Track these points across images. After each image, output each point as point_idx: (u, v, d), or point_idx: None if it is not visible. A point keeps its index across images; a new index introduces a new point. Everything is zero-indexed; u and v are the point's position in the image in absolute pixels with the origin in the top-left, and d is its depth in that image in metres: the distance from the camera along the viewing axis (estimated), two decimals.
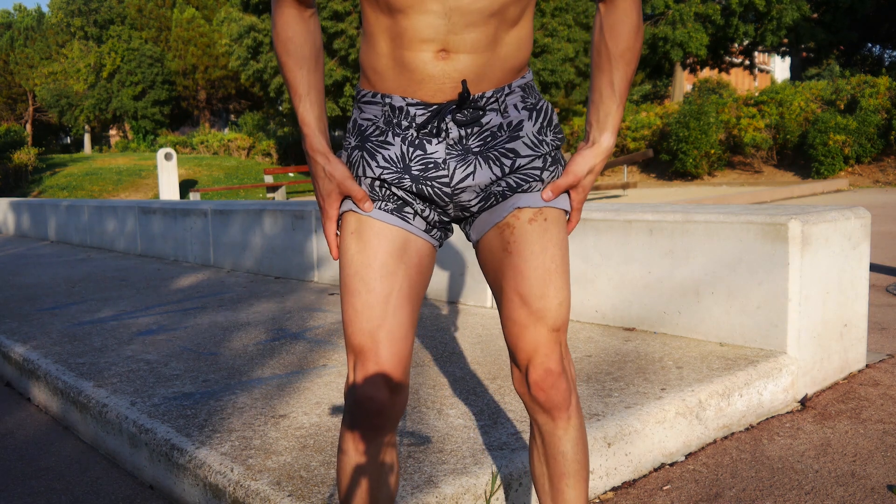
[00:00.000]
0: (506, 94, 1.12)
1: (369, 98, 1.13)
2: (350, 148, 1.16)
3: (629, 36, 1.11)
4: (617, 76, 1.12)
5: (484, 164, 1.12)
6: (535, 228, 1.13)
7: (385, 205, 1.13)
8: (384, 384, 1.10)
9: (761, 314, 2.48)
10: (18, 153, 21.86)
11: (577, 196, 1.16)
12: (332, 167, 1.12)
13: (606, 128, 1.14)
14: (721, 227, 2.57)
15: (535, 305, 1.12)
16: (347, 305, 1.12)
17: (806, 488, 1.79)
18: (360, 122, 1.15)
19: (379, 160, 1.12)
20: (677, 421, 2.04)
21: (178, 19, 31.42)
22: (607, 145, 1.14)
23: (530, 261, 1.12)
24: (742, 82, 42.24)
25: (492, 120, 1.11)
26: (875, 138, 14.40)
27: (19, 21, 39.20)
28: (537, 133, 1.14)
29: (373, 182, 1.13)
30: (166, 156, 16.93)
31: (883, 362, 2.81)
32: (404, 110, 1.10)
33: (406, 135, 1.11)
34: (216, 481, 1.71)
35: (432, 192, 1.12)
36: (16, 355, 3.01)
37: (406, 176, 1.11)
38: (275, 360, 2.68)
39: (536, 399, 1.16)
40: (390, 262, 1.11)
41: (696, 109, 16.17)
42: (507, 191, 1.13)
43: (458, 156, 1.11)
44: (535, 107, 1.15)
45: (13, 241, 9.48)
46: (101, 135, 41.07)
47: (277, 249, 4.95)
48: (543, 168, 1.15)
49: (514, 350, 1.16)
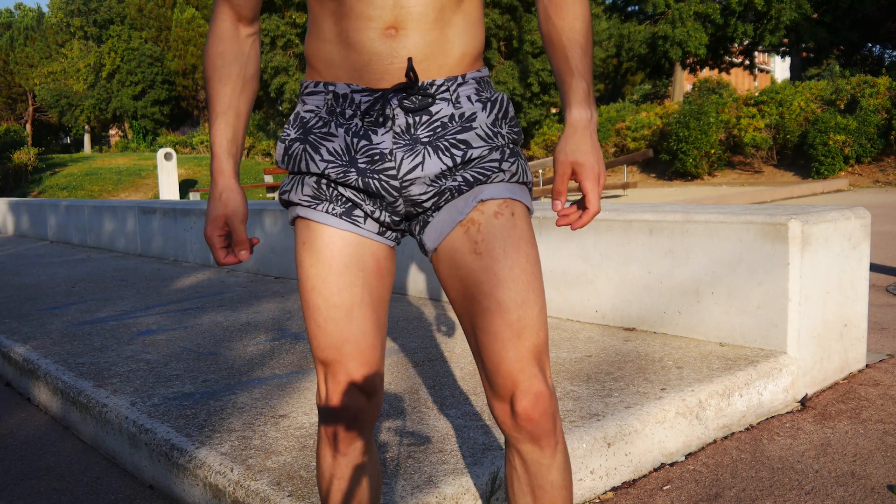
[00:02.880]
0: (458, 84, 1.05)
1: (312, 88, 1.07)
2: (290, 140, 1.09)
3: (575, 7, 1.06)
4: (571, 50, 1.06)
5: (433, 153, 1.04)
6: (504, 224, 1.04)
7: (333, 208, 1.06)
8: (357, 393, 1.07)
9: (761, 314, 2.48)
10: (18, 153, 21.86)
11: (585, 181, 1.04)
12: (230, 195, 1.07)
13: (571, 103, 1.05)
14: (721, 227, 2.57)
15: (515, 313, 1.01)
16: (310, 320, 1.07)
17: (806, 488, 1.80)
18: (302, 114, 1.08)
19: (323, 153, 1.05)
20: (677, 421, 2.04)
21: (179, 19, 31.42)
22: (577, 118, 1.04)
23: (504, 261, 1.02)
24: (742, 82, 42.26)
25: (442, 110, 1.04)
26: (875, 138, 14.40)
27: (19, 21, 39.20)
28: (491, 125, 1.06)
29: (318, 180, 1.07)
30: (166, 156, 16.93)
31: (883, 362, 2.81)
32: (349, 97, 1.03)
33: (350, 125, 1.04)
34: (216, 481, 1.71)
35: (379, 185, 1.04)
36: (16, 355, 3.01)
37: (352, 169, 1.04)
38: (275, 360, 2.68)
39: (524, 429, 1.04)
40: (347, 273, 1.06)
41: (696, 109, 16.17)
42: (465, 185, 1.05)
43: (405, 146, 1.03)
44: (490, 99, 1.08)
45: (13, 241, 9.48)
46: (101, 135, 41.07)
47: (277, 249, 4.95)
48: (502, 160, 1.07)
49: (493, 374, 1.04)
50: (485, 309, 1.02)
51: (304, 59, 7.44)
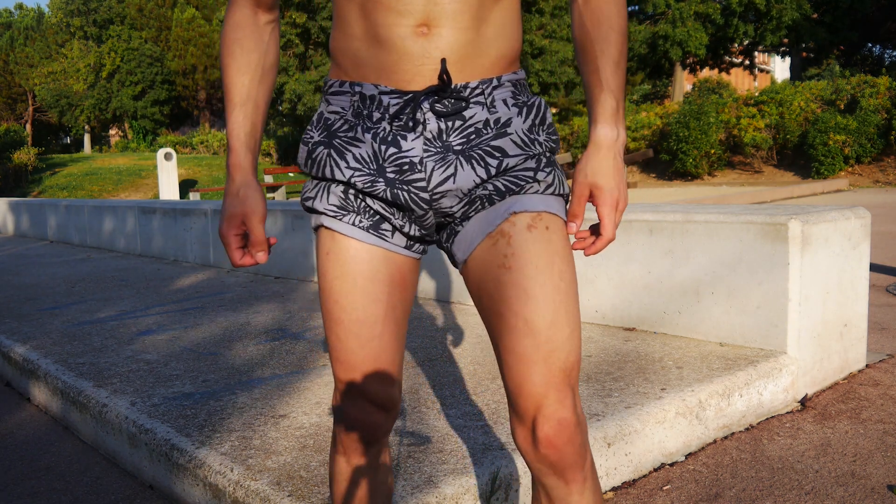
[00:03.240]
0: (493, 87, 0.98)
1: (337, 88, 1.00)
2: (313, 143, 1.02)
3: (611, 15, 0.99)
4: (603, 62, 0.99)
5: (466, 164, 0.97)
6: (537, 238, 0.96)
7: (360, 220, 1.00)
8: (374, 410, 1.04)
9: (761, 314, 2.48)
10: (18, 153, 21.86)
11: (601, 207, 0.98)
12: (249, 192, 1.01)
13: (597, 119, 1.00)
14: (721, 227, 2.57)
15: (544, 334, 0.94)
16: (330, 333, 1.03)
17: (806, 488, 1.79)
18: (326, 115, 1.02)
19: (349, 160, 0.98)
20: (677, 421, 2.04)
21: (179, 19, 31.43)
22: (601, 136, 0.99)
23: (536, 277, 0.95)
24: (742, 82, 42.25)
25: (476, 115, 0.97)
26: (875, 138, 14.40)
27: (19, 21, 39.20)
28: (528, 131, 1.00)
29: (346, 189, 1.00)
30: (166, 156, 16.93)
31: (883, 362, 2.81)
32: (376, 99, 0.96)
33: (377, 129, 0.97)
34: (216, 481, 1.71)
35: (408, 198, 0.97)
36: (16, 355, 3.01)
37: (380, 179, 0.97)
38: (275, 360, 2.68)
39: (546, 459, 0.96)
40: (372, 288, 1.00)
41: (696, 109, 16.17)
42: (496, 195, 0.98)
43: (436, 154, 0.96)
44: (527, 103, 1.01)
45: (13, 241, 9.48)
46: (100, 135, 41.08)
47: (277, 249, 4.95)
48: (538, 169, 1.00)
49: (516, 395, 0.96)
50: (511, 327, 0.95)
51: (310, 58, 7.34)
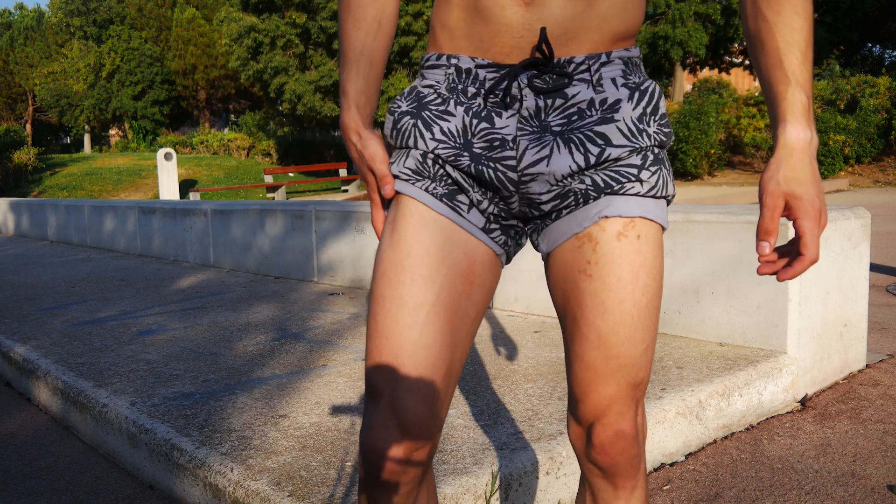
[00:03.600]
0: (601, 64, 0.88)
1: (433, 61, 0.93)
2: (400, 113, 0.95)
3: (792, 13, 0.84)
4: (788, 53, 0.84)
5: (564, 147, 0.87)
6: (625, 248, 0.88)
7: (434, 187, 0.91)
8: (399, 433, 0.87)
9: (761, 314, 2.48)
10: (18, 153, 21.87)
11: (802, 220, 0.81)
12: (363, 145, 0.94)
13: (786, 118, 0.83)
14: (721, 227, 2.57)
15: (616, 349, 0.89)
16: (371, 316, 0.90)
17: (806, 488, 1.79)
18: (419, 89, 0.95)
19: (435, 132, 0.91)
20: (677, 421, 2.04)
21: (179, 19, 31.43)
22: (794, 138, 0.83)
23: (616, 290, 0.88)
24: (742, 82, 42.27)
25: (580, 93, 0.87)
26: (875, 138, 14.40)
27: (19, 21, 39.22)
28: (637, 120, 0.89)
29: (425, 155, 0.92)
30: (166, 156, 16.93)
31: (883, 362, 2.82)
32: (472, 73, 0.90)
33: (471, 104, 0.90)
34: (216, 481, 1.71)
35: (494, 176, 0.89)
36: (16, 355, 3.01)
37: (465, 153, 0.89)
38: (275, 360, 2.68)
39: (597, 462, 0.94)
40: (427, 263, 0.88)
41: (696, 109, 16.18)
42: (592, 190, 0.89)
43: (531, 133, 0.87)
44: (639, 87, 0.90)
45: (13, 241, 9.48)
46: (100, 135, 41.09)
47: (277, 249, 4.95)
48: (642, 167, 0.89)
49: (578, 398, 0.93)
50: (583, 336, 0.90)
51: (310, 58, 7.35)
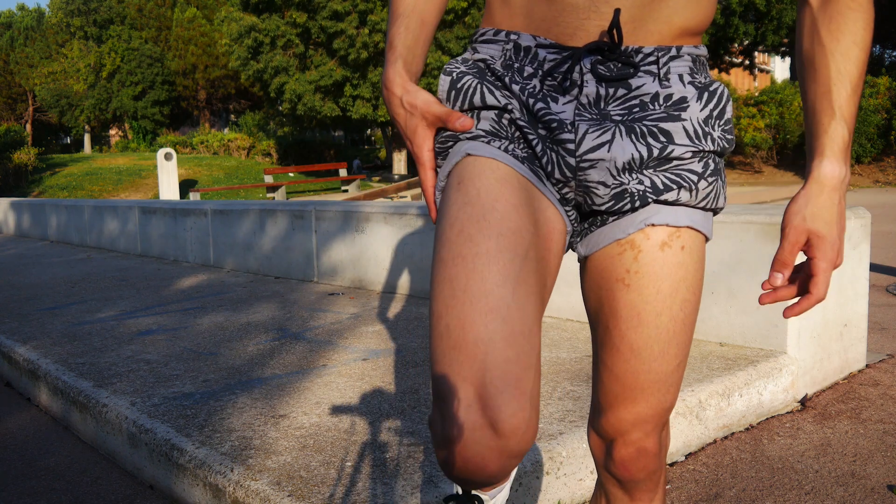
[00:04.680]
0: (671, 57, 0.82)
1: (490, 36, 0.86)
2: (459, 73, 0.86)
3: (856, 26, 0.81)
4: (838, 84, 0.81)
5: (626, 134, 0.81)
6: (668, 259, 0.83)
7: (514, 148, 0.82)
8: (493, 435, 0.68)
9: (761, 314, 2.48)
10: (18, 153, 21.87)
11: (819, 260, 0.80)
12: (412, 96, 0.84)
13: (823, 152, 0.81)
14: (721, 227, 2.57)
15: (647, 365, 0.84)
16: (441, 284, 0.73)
17: (806, 488, 1.79)
18: (472, 60, 0.88)
19: (503, 91, 0.83)
20: (677, 421, 2.04)
21: (179, 19, 31.44)
22: (828, 174, 0.80)
23: (654, 303, 0.83)
24: (742, 82, 42.25)
25: (645, 85, 0.82)
26: (875, 138, 14.40)
27: (19, 21, 39.22)
28: (703, 122, 0.83)
29: (500, 115, 0.83)
30: (166, 156, 16.93)
31: (883, 362, 2.81)
32: (532, 52, 0.82)
33: (527, 85, 0.82)
34: (216, 481, 1.71)
35: (555, 159, 0.81)
36: (16, 355, 3.01)
37: (532, 130, 0.82)
38: (275, 360, 2.68)
39: (616, 474, 0.91)
40: (514, 217, 0.76)
41: None
42: (651, 193, 0.82)
43: (590, 120, 0.81)
44: (708, 87, 0.84)
45: (13, 240, 9.48)
46: (101, 135, 41.09)
47: (278, 249, 4.95)
48: (703, 175, 0.84)
49: (603, 409, 0.89)
50: (615, 348, 0.86)
51: (310, 58, 7.37)
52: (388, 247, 4.09)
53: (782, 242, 0.81)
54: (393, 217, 4.03)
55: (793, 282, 0.83)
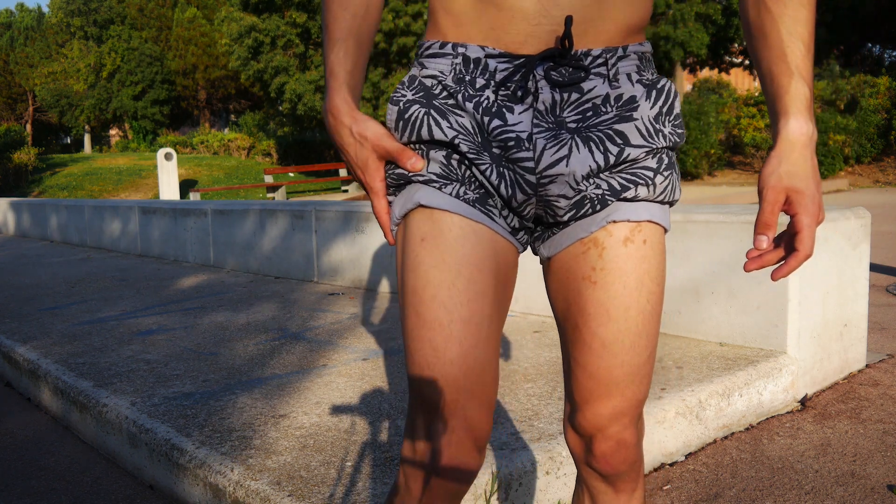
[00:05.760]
0: (618, 58, 0.84)
1: (436, 50, 0.86)
2: (406, 101, 0.86)
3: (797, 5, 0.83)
4: (791, 44, 0.82)
5: (583, 146, 0.82)
6: (631, 254, 0.85)
7: (465, 191, 0.84)
8: (473, 447, 0.84)
9: (761, 314, 2.48)
10: (18, 153, 21.87)
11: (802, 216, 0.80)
12: (362, 126, 0.85)
13: (788, 111, 0.82)
14: (721, 227, 2.57)
15: (619, 358, 0.86)
16: (421, 343, 0.83)
17: (806, 488, 1.80)
18: (421, 78, 0.87)
19: (452, 122, 0.83)
20: (677, 421, 2.04)
21: (179, 19, 31.45)
22: (797, 132, 0.81)
23: (621, 298, 0.85)
24: (742, 82, 42.26)
25: (596, 88, 0.83)
26: (875, 138, 14.40)
27: (19, 21, 39.23)
28: (654, 119, 0.85)
29: (449, 155, 0.84)
30: (166, 156, 16.93)
31: (883, 362, 2.82)
32: (482, 63, 0.83)
33: (480, 98, 0.83)
34: (216, 481, 1.71)
35: (513, 178, 0.83)
36: (16, 355, 3.01)
37: (485, 153, 0.83)
38: (275, 360, 2.68)
39: (597, 468, 0.92)
40: (479, 279, 0.83)
41: (696, 109, 16.18)
42: (609, 196, 0.85)
43: (547, 131, 0.82)
44: (655, 85, 0.86)
45: (13, 240, 9.48)
46: (101, 135, 41.10)
47: (278, 249, 4.95)
48: (658, 170, 0.86)
49: (579, 406, 0.90)
50: (586, 344, 0.87)
51: (310, 58, 7.31)
52: (389, 247, 4.09)
53: (762, 205, 0.82)
54: None
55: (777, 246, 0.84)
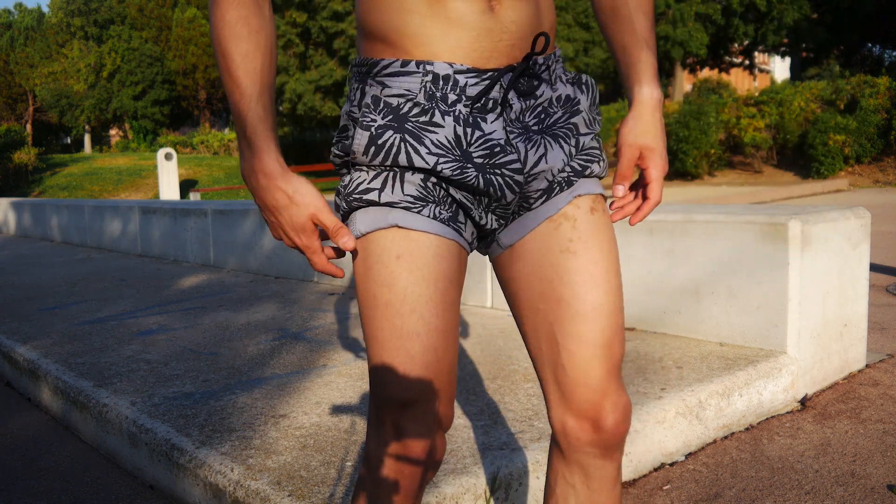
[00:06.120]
0: (554, 62, 0.93)
1: (398, 68, 0.87)
2: (377, 128, 0.86)
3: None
4: (638, 19, 0.96)
5: (554, 143, 0.91)
6: (598, 221, 0.93)
7: (440, 211, 0.88)
8: (441, 434, 0.91)
9: (761, 314, 2.48)
10: (19, 153, 21.87)
11: (652, 169, 0.96)
12: (301, 192, 0.86)
13: (640, 79, 0.96)
14: (721, 227, 2.57)
15: (608, 320, 0.91)
16: (397, 352, 0.86)
17: (806, 488, 1.80)
18: (386, 99, 0.87)
19: (429, 145, 0.86)
20: (677, 421, 2.04)
21: (179, 19, 31.45)
22: (648, 96, 0.96)
23: (601, 262, 0.91)
24: (742, 82, 42.25)
25: (544, 93, 0.91)
26: (875, 138, 14.40)
27: (19, 21, 39.23)
28: (589, 110, 0.95)
29: (426, 178, 0.87)
30: (166, 156, 16.93)
31: (883, 362, 2.82)
32: (451, 79, 0.86)
33: (455, 111, 0.86)
34: (216, 481, 1.71)
35: (503, 182, 0.88)
36: (16, 355, 3.01)
37: (469, 166, 0.86)
38: (275, 360, 2.68)
39: (605, 443, 0.93)
40: (451, 291, 0.88)
41: (696, 109, 16.17)
42: (573, 176, 0.93)
43: (519, 135, 0.89)
44: (581, 81, 0.96)
45: (14, 241, 9.48)
46: (101, 135, 41.10)
47: (278, 249, 4.95)
48: (600, 151, 0.96)
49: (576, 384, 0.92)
50: (578, 313, 0.90)
51: (310, 58, 7.25)
52: None
53: (620, 160, 0.97)
54: None
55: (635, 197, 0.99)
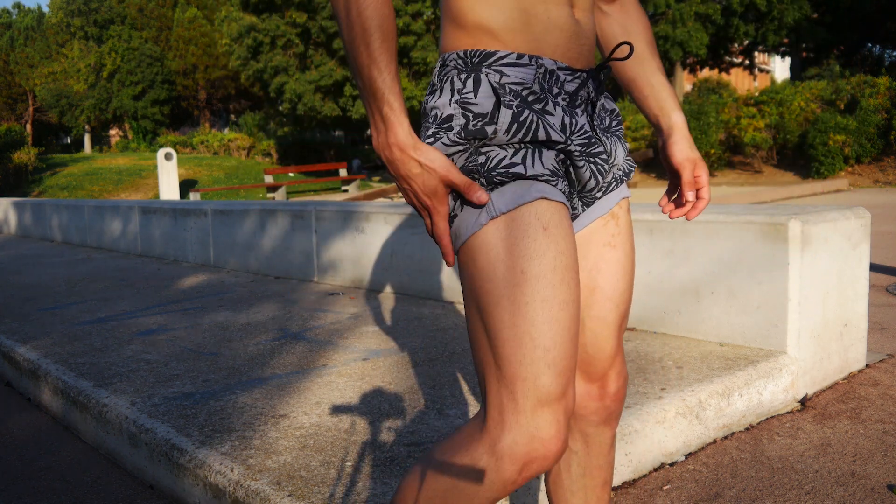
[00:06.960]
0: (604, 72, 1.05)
1: (513, 59, 0.92)
2: (518, 106, 0.90)
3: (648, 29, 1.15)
4: (656, 59, 1.13)
5: (618, 142, 1.04)
6: (629, 221, 1.09)
7: (565, 186, 0.95)
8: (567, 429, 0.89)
9: (761, 314, 2.48)
10: (19, 153, 21.87)
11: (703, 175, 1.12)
12: (430, 157, 0.87)
13: (673, 107, 1.13)
14: (721, 227, 2.57)
15: (625, 304, 1.07)
16: (550, 325, 0.85)
17: (806, 488, 1.80)
18: (509, 85, 0.91)
19: (554, 126, 0.92)
20: (677, 421, 2.04)
21: (180, 19, 31.45)
22: (681, 121, 1.13)
23: (630, 256, 1.07)
24: (742, 82, 42.24)
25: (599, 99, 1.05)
26: (875, 138, 14.40)
27: (19, 21, 39.23)
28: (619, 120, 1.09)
29: (557, 154, 0.94)
30: (166, 156, 16.93)
31: (883, 362, 2.82)
32: (555, 74, 0.94)
33: (560, 103, 0.95)
34: (216, 481, 1.71)
35: (596, 170, 0.99)
36: (16, 355, 3.01)
37: (579, 148, 0.96)
38: (275, 360, 2.68)
39: (607, 410, 1.09)
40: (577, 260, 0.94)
41: (696, 109, 16.17)
42: (624, 176, 1.07)
43: (600, 131, 1.01)
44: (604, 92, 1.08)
45: (14, 240, 9.48)
46: (101, 135, 41.10)
47: (278, 249, 4.95)
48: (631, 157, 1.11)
49: (593, 357, 1.07)
50: (607, 299, 1.06)
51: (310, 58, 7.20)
52: (389, 247, 4.09)
53: (683, 173, 1.11)
54: (393, 217, 4.03)
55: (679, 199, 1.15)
